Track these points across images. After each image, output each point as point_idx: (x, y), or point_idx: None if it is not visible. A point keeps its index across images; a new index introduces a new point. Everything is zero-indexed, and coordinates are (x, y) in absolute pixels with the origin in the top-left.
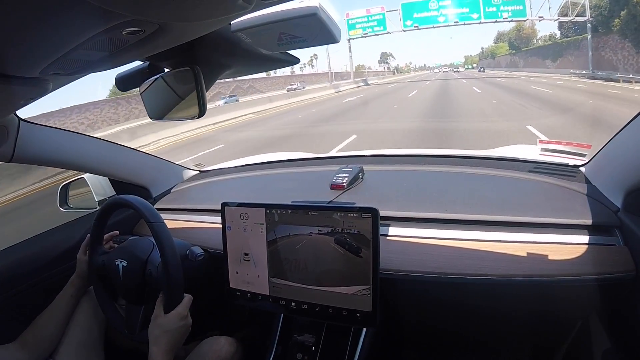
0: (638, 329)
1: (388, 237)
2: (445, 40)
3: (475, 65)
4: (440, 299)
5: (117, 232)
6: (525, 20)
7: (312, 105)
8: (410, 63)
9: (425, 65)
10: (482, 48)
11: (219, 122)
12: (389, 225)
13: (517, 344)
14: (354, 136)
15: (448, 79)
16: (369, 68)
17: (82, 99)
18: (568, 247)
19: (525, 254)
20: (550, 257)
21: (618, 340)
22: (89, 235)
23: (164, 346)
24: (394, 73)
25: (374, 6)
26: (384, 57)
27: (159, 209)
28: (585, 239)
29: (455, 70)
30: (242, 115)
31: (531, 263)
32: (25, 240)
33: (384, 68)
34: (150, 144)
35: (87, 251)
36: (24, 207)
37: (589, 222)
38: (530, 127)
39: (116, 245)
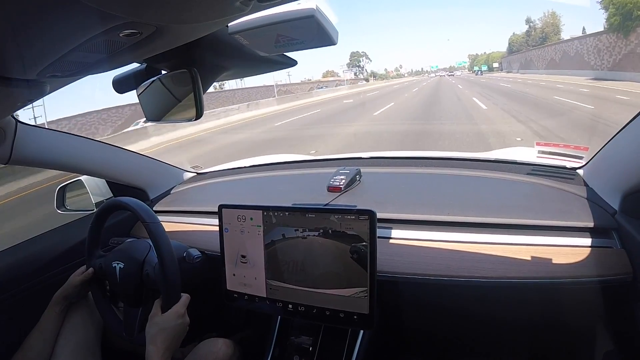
0: (637, 331)
1: (385, 239)
2: (448, 40)
3: (497, 65)
4: (438, 302)
5: None
6: None
7: None
8: (401, 67)
9: (422, 69)
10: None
11: None
12: (386, 228)
13: (516, 348)
14: None
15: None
16: (337, 75)
17: None
18: (565, 249)
19: (522, 257)
20: (547, 260)
21: (618, 343)
22: (91, 268)
23: (161, 345)
24: (367, 80)
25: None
26: (355, 59)
27: (156, 211)
28: (582, 241)
29: (449, 74)
30: None
31: (528, 265)
32: (22, 242)
33: (355, 74)
34: None
35: (82, 281)
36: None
37: (587, 224)
38: None
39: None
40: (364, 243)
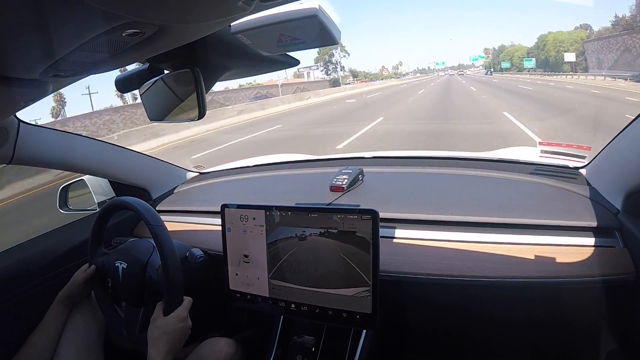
0: (639, 330)
1: (388, 239)
2: (450, 40)
3: (571, 57)
4: (440, 301)
5: None
6: None
7: None
8: (400, 64)
9: (429, 67)
10: None
11: None
12: (389, 227)
13: (519, 347)
14: None
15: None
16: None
17: None
18: (568, 249)
19: (525, 256)
20: (550, 259)
21: (621, 342)
22: (93, 266)
23: (163, 347)
24: (337, 85)
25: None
26: (327, 52)
27: (158, 211)
28: (585, 241)
29: (459, 73)
30: None
31: (531, 265)
32: (25, 241)
33: (327, 73)
34: None
35: (85, 279)
36: None
37: (590, 224)
38: None
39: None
40: (367, 242)
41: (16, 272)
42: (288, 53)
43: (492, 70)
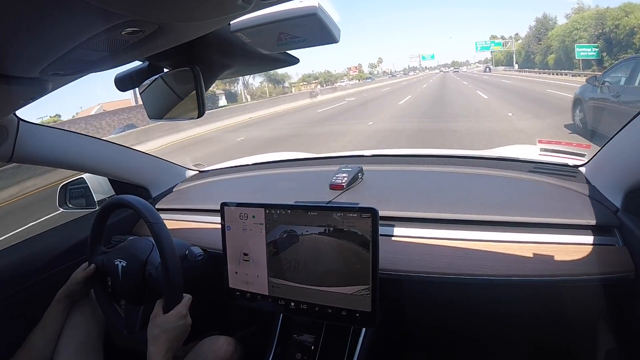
0: (638, 328)
1: (387, 237)
2: (450, 38)
3: None
4: (440, 300)
5: None
6: None
7: None
8: (381, 61)
9: (420, 65)
10: None
11: None
12: (388, 225)
13: (518, 344)
14: None
15: None
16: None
17: None
18: (568, 247)
19: (525, 254)
20: (549, 257)
21: (620, 341)
22: (93, 265)
23: (163, 345)
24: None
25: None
26: None
27: (158, 209)
28: (585, 239)
29: (455, 70)
30: None
31: (531, 263)
32: (25, 240)
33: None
34: None
35: (84, 278)
36: None
37: (589, 222)
38: None
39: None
40: (367, 241)
41: (15, 271)
42: (288, 51)
43: (490, 67)
